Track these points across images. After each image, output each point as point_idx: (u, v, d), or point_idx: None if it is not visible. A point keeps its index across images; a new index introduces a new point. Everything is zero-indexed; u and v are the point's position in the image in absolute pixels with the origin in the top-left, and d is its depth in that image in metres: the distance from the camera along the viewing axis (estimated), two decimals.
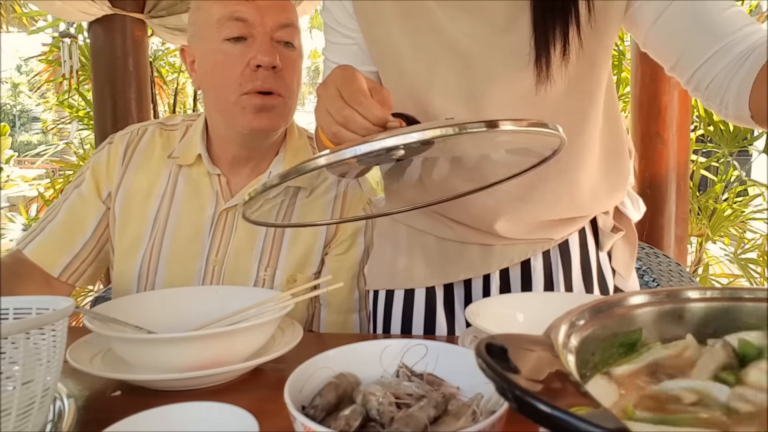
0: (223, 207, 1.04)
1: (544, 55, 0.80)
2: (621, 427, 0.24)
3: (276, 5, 0.99)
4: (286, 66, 0.99)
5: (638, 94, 2.27)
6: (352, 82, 0.67)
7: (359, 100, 0.66)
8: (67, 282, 1.07)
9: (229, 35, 0.97)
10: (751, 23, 0.75)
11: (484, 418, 0.47)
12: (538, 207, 0.91)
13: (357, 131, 0.66)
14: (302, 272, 1.05)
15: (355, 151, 0.56)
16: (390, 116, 0.66)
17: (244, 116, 0.98)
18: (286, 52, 1.00)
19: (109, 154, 1.08)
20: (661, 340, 0.43)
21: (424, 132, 0.55)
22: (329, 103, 0.68)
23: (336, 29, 0.94)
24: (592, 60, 0.83)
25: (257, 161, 1.07)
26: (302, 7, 2.70)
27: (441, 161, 0.89)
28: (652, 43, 0.83)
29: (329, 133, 0.69)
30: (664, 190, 2.24)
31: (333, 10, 0.93)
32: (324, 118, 0.69)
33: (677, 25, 0.78)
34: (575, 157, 0.88)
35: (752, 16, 2.91)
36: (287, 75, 0.99)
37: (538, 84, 0.81)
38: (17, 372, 0.49)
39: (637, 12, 0.81)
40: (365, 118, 0.65)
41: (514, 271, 0.96)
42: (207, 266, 1.03)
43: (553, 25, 0.79)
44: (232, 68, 0.96)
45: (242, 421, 0.48)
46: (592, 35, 0.81)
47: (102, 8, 2.46)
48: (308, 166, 0.58)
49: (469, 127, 0.56)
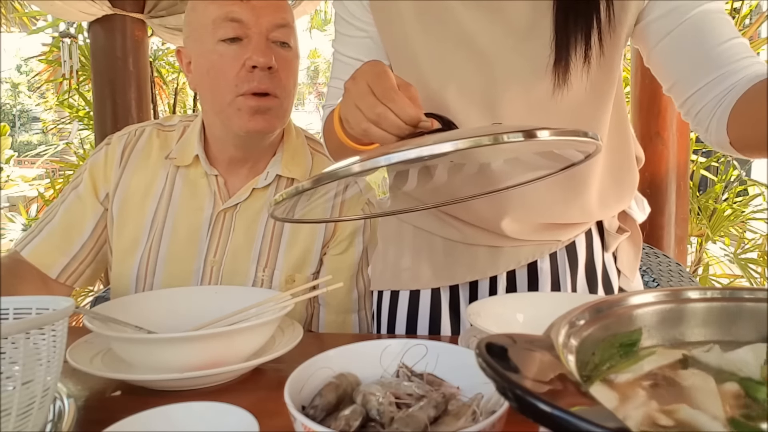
0: (220, 208, 1.04)
1: (565, 61, 0.79)
2: (621, 427, 0.24)
3: (271, 5, 0.98)
4: (282, 66, 0.98)
5: (638, 94, 2.27)
6: (385, 79, 0.65)
7: (392, 98, 0.63)
8: (66, 283, 1.06)
9: (224, 36, 0.96)
10: (751, 56, 0.75)
11: (484, 418, 0.47)
12: (547, 212, 0.91)
13: (389, 129, 0.64)
14: (300, 272, 1.05)
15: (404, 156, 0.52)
16: (423, 115, 0.64)
17: (240, 118, 0.97)
18: (282, 53, 0.99)
19: (106, 156, 1.08)
20: (665, 344, 0.42)
21: (476, 138, 0.51)
22: (360, 99, 0.65)
23: (349, 22, 0.92)
24: (609, 66, 0.83)
25: (254, 161, 1.07)
26: (302, 7, 2.70)
27: (458, 164, 0.88)
28: (654, 62, 0.83)
29: (359, 129, 0.66)
30: (664, 190, 2.24)
31: (347, 3, 0.91)
32: (354, 115, 0.66)
33: (679, 49, 0.79)
34: (585, 164, 0.87)
35: (752, 16, 2.90)
36: (283, 75, 0.99)
37: (555, 89, 0.81)
38: (17, 372, 0.49)
39: (645, 29, 0.82)
40: (398, 116, 0.63)
41: (521, 272, 0.96)
42: (205, 267, 1.03)
43: (576, 30, 0.78)
44: (227, 69, 0.96)
45: (242, 421, 0.48)
46: (611, 42, 0.81)
47: (102, 8, 2.46)
48: (350, 170, 0.54)
49: (513, 136, 0.52)
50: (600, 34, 0.79)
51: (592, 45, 0.79)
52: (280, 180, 1.07)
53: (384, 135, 0.65)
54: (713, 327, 0.43)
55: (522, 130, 0.52)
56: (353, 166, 0.54)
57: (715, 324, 0.43)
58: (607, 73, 0.84)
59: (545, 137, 0.53)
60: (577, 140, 0.57)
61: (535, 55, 0.81)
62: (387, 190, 1.03)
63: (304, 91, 20.90)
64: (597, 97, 0.85)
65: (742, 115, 0.72)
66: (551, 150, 0.72)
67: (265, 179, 1.05)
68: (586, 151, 0.67)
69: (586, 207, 0.91)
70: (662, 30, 0.79)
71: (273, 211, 0.66)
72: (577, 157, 0.69)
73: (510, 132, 0.52)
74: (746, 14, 2.78)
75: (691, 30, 0.77)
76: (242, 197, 1.04)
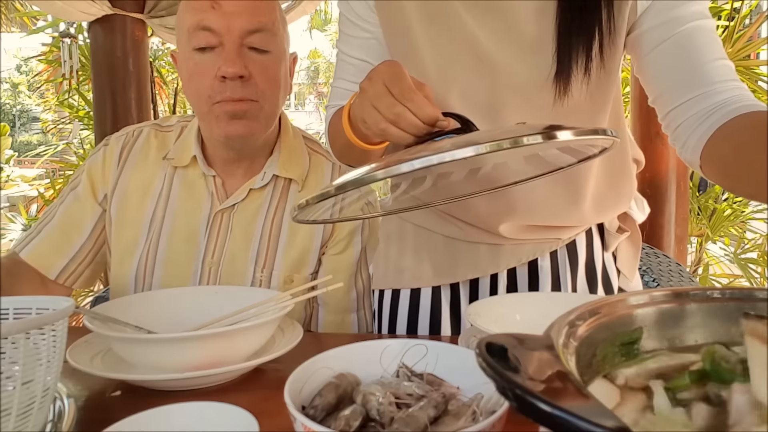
0: (218, 208, 1.04)
1: (566, 73, 0.80)
2: (622, 426, 0.24)
3: (246, 9, 0.95)
4: (258, 72, 0.96)
5: (638, 94, 2.27)
6: (402, 79, 0.65)
7: (410, 97, 0.63)
8: (64, 284, 1.06)
9: (197, 45, 0.95)
10: (735, 80, 0.76)
11: (484, 418, 0.47)
12: (543, 214, 0.91)
13: (408, 129, 0.64)
14: (299, 273, 1.05)
15: (426, 162, 0.52)
16: (440, 114, 0.64)
17: (218, 124, 0.97)
18: (258, 59, 0.97)
19: (104, 157, 1.08)
20: (668, 346, 0.42)
21: (499, 142, 0.51)
22: (377, 99, 0.65)
23: (354, 22, 0.91)
24: (608, 75, 0.84)
25: (249, 162, 1.06)
26: (302, 7, 2.70)
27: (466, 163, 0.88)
28: (643, 72, 0.83)
29: (377, 129, 0.66)
30: (664, 190, 2.24)
31: (353, 4, 0.90)
32: (371, 115, 0.66)
33: (665, 63, 0.79)
34: (581, 169, 0.87)
35: (752, 16, 2.90)
36: (260, 81, 0.97)
37: (556, 98, 0.81)
38: (17, 372, 0.49)
39: (637, 39, 0.82)
40: (416, 116, 0.63)
41: (522, 270, 0.96)
42: (203, 268, 1.03)
43: (577, 43, 0.79)
44: (202, 79, 0.95)
45: (242, 421, 0.48)
46: (611, 53, 0.82)
47: (102, 8, 2.46)
48: (374, 176, 0.55)
49: (535, 138, 0.52)
50: (601, 46, 0.79)
51: (593, 57, 0.79)
52: (278, 180, 1.07)
53: (402, 135, 0.65)
54: (713, 327, 0.43)
55: (542, 131, 0.52)
56: (377, 172, 0.55)
57: (715, 324, 0.43)
58: (607, 83, 0.84)
59: (566, 137, 0.53)
60: (597, 138, 0.57)
61: (538, 65, 0.81)
62: (388, 191, 1.04)
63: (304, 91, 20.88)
64: (595, 105, 0.85)
65: (723, 147, 0.71)
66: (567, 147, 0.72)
67: (262, 179, 1.05)
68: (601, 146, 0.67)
69: (582, 211, 0.91)
70: (653, 41, 0.80)
71: (297, 215, 0.66)
72: (591, 151, 0.69)
73: (530, 134, 0.52)
74: (746, 14, 2.78)
75: (681, 44, 0.78)
76: (239, 198, 1.04)
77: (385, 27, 0.89)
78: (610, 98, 0.87)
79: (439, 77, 0.85)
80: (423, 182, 0.80)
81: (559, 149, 0.71)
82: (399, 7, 0.86)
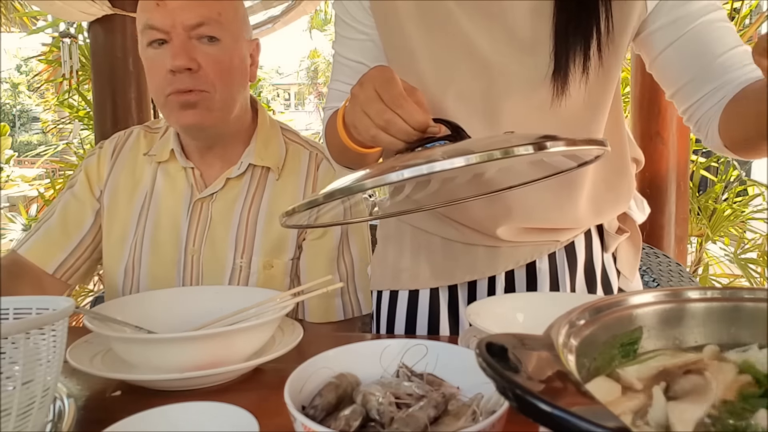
0: (197, 197, 1.07)
1: (564, 72, 0.80)
2: (622, 426, 0.24)
3: (189, 5, 0.98)
4: (208, 63, 0.99)
5: (638, 94, 2.27)
6: (393, 85, 0.64)
7: (400, 104, 0.63)
8: (62, 279, 1.10)
9: (148, 40, 1.00)
10: (750, 63, 0.76)
11: (484, 418, 0.47)
12: (539, 217, 0.91)
13: (397, 135, 0.64)
14: (279, 258, 1.07)
15: (416, 172, 0.53)
16: (431, 121, 0.64)
17: (173, 115, 1.01)
18: (208, 50, 0.99)
19: (99, 157, 1.14)
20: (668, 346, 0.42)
21: (490, 152, 0.52)
22: (367, 105, 0.65)
23: (350, 24, 0.91)
24: (607, 75, 0.84)
25: (223, 151, 1.09)
26: (302, 7, 2.70)
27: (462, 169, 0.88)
28: (657, 70, 0.84)
29: (367, 136, 0.66)
30: (664, 190, 2.24)
31: (348, 5, 0.90)
32: (361, 121, 0.66)
33: (681, 60, 0.80)
34: (576, 171, 0.87)
35: (752, 16, 2.90)
36: (210, 72, 0.99)
37: (554, 98, 0.81)
38: (17, 372, 0.49)
39: (647, 38, 0.82)
40: (406, 122, 0.63)
41: (520, 272, 0.96)
42: (186, 256, 1.07)
43: (575, 42, 0.79)
44: (155, 73, 1.00)
45: (242, 421, 0.48)
46: (610, 52, 0.82)
47: (102, 8, 2.46)
48: (363, 185, 0.55)
49: (524, 149, 0.52)
50: (599, 45, 0.80)
51: (591, 56, 0.80)
52: (255, 169, 1.10)
53: (392, 141, 0.65)
54: (713, 327, 0.43)
55: (533, 142, 0.53)
56: (366, 182, 0.55)
57: (715, 324, 0.43)
58: (605, 82, 0.84)
59: (558, 148, 0.53)
60: (588, 148, 0.57)
61: (535, 65, 0.81)
62: (386, 192, 1.04)
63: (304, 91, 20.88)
64: (594, 105, 0.85)
65: (731, 116, 0.74)
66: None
67: (238, 169, 1.08)
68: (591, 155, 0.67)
69: (579, 213, 0.91)
70: (665, 40, 0.80)
71: (286, 221, 0.66)
72: (577, 161, 0.69)
73: (521, 145, 0.52)
74: (746, 14, 2.78)
75: (693, 40, 0.78)
76: (217, 187, 1.08)
77: (381, 28, 0.89)
78: (610, 97, 0.87)
79: (436, 79, 0.85)
80: (424, 186, 0.80)
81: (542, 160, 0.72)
82: (394, 9, 0.86)
